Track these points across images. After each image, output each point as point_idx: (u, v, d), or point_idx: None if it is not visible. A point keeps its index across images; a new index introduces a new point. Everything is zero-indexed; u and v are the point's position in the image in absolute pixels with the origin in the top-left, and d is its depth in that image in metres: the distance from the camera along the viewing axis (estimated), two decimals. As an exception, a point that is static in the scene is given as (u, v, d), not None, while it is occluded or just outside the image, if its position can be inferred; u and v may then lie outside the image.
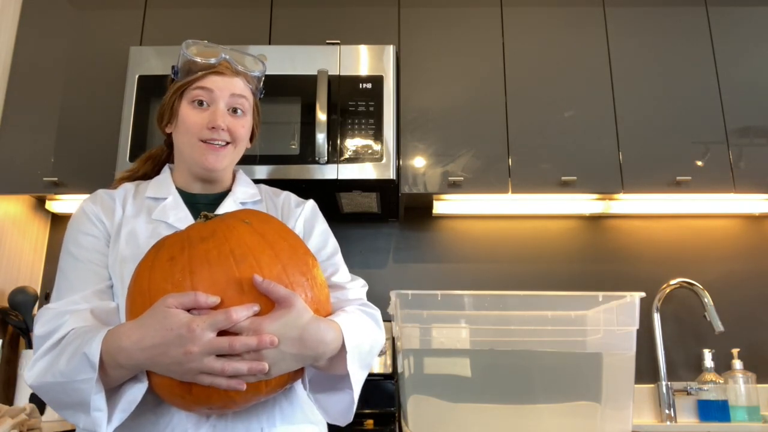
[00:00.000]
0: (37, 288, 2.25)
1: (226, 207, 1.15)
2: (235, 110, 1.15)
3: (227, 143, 1.14)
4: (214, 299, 0.82)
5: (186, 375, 0.82)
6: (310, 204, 1.23)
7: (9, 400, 2.01)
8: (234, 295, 0.83)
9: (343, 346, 0.91)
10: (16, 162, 2.07)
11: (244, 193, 1.20)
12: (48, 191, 2.05)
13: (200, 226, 0.92)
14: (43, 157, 2.07)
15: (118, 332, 0.86)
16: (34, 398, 1.87)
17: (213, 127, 1.11)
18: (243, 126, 1.16)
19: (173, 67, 1.18)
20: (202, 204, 1.17)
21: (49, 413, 1.90)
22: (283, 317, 0.83)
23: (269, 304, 0.84)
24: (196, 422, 0.94)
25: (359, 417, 1.97)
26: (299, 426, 1.03)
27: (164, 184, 1.18)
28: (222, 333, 0.81)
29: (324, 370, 0.94)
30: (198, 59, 1.13)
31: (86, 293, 1.01)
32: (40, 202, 2.27)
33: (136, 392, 0.87)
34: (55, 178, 2.02)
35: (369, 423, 1.93)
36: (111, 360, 0.85)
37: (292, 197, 1.25)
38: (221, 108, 1.12)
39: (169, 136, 1.21)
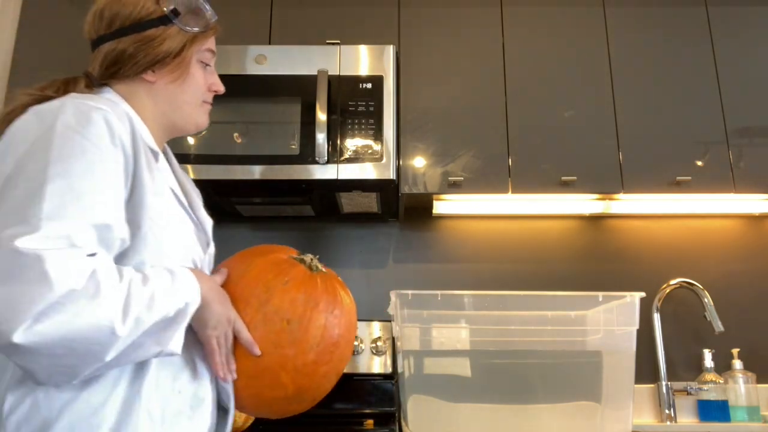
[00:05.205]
0: (37, 288, 2.25)
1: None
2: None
3: None
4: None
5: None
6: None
7: (9, 400, 2.00)
8: None
9: None
10: (16, 162, 2.06)
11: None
12: (48, 191, 2.05)
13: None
14: (43, 157, 2.06)
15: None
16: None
17: (215, 91, 1.12)
18: None
19: (173, 9, 1.02)
20: None
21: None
22: None
23: None
24: None
25: (359, 417, 1.97)
26: None
27: (146, 133, 1.00)
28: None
29: None
30: (208, 9, 1.07)
31: (119, 223, 0.84)
32: (40, 202, 2.27)
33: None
34: (55, 178, 2.02)
35: (369, 423, 1.92)
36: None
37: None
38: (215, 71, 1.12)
39: (114, 76, 1.01)
